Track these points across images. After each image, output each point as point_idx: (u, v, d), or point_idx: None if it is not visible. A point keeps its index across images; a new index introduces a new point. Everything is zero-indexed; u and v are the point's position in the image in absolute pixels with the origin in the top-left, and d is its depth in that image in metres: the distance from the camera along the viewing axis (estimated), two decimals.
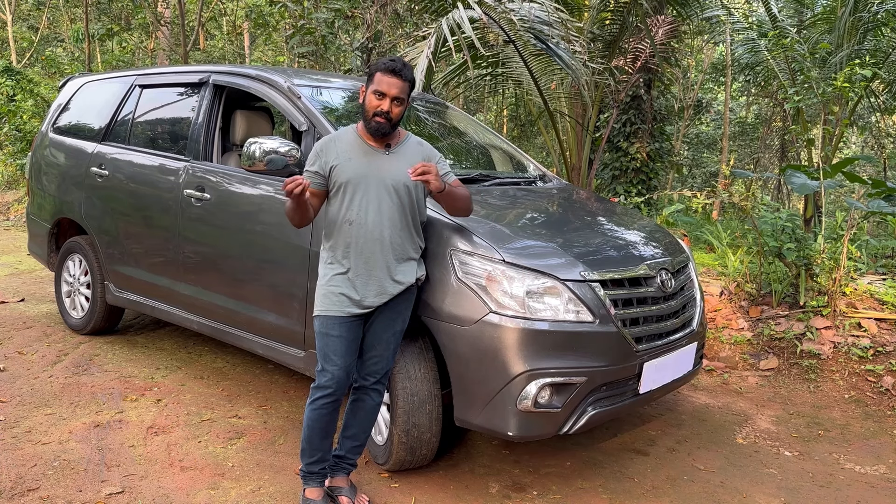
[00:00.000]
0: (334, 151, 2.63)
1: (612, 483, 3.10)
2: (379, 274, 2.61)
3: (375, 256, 2.60)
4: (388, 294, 2.63)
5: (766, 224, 4.99)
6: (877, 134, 14.95)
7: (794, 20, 10.36)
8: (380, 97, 2.57)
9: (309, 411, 2.64)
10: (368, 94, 2.61)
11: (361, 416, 2.76)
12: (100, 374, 4.08)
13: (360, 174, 2.60)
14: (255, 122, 4.18)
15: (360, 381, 2.72)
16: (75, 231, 4.90)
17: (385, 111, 2.57)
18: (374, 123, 2.60)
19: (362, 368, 2.71)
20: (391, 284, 2.63)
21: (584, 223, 3.44)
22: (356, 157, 2.63)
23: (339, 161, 2.61)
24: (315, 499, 2.69)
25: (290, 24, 8.24)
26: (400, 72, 2.58)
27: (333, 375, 2.59)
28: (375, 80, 2.59)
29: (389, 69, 2.57)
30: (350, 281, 2.60)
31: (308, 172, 2.64)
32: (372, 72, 2.62)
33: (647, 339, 2.95)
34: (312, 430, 2.65)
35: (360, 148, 2.65)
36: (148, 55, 15.49)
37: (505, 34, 5.33)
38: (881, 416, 3.98)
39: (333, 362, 2.60)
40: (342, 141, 2.67)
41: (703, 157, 18.21)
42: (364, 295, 2.60)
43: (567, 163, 7.27)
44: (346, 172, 2.60)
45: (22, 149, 11.96)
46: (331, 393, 2.60)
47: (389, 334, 2.69)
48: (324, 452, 2.70)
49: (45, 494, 2.76)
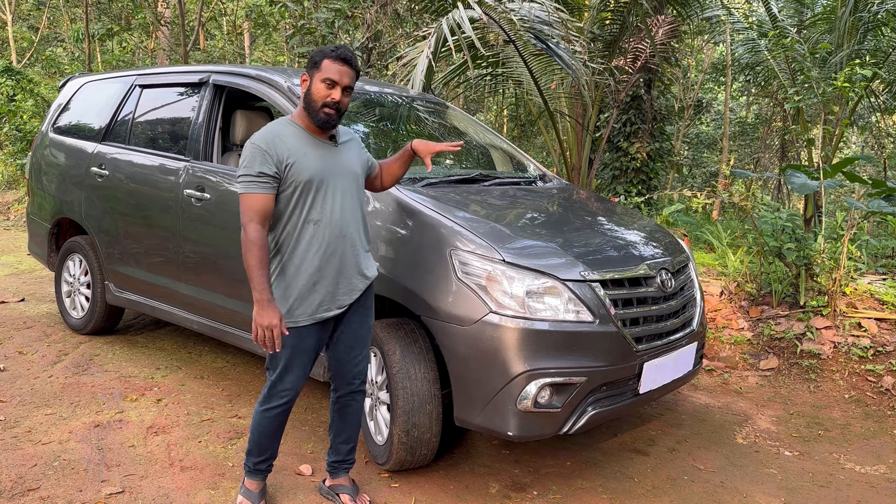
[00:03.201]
0: (284, 147, 2.40)
1: (612, 483, 3.10)
2: (349, 272, 2.54)
3: (346, 254, 2.51)
4: (358, 290, 2.57)
5: (766, 224, 4.99)
6: (877, 134, 14.95)
7: (794, 20, 10.36)
8: (330, 86, 2.40)
9: (261, 417, 2.57)
10: (316, 82, 2.41)
11: (351, 420, 2.74)
12: (100, 374, 4.08)
13: (320, 170, 2.44)
14: (255, 122, 4.17)
15: (346, 387, 2.68)
16: (75, 231, 4.91)
17: (336, 101, 2.41)
18: (324, 115, 2.42)
19: (346, 372, 2.66)
20: (360, 280, 2.58)
21: (585, 223, 3.44)
22: (311, 152, 2.45)
23: (295, 158, 2.40)
24: (255, 490, 2.69)
25: (290, 24, 8.24)
26: (350, 59, 2.42)
27: (293, 387, 2.55)
28: (324, 68, 2.40)
29: (340, 56, 2.41)
30: (320, 284, 2.48)
31: (263, 176, 2.36)
32: (317, 59, 2.42)
33: (647, 339, 2.95)
34: (263, 435, 2.61)
35: (310, 142, 2.47)
36: (148, 55, 15.49)
37: (505, 34, 5.33)
38: (881, 416, 3.98)
39: (295, 373, 2.53)
40: (286, 135, 2.44)
41: (703, 157, 18.22)
42: (337, 296, 2.52)
43: (567, 163, 7.27)
44: (306, 170, 2.41)
45: (22, 149, 11.97)
46: (288, 401, 2.57)
47: (365, 330, 2.67)
48: (271, 452, 2.68)
49: (46, 494, 2.76)
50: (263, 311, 2.33)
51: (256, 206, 2.36)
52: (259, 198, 2.37)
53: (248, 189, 2.37)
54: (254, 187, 2.37)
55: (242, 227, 2.37)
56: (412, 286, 2.87)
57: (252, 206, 2.36)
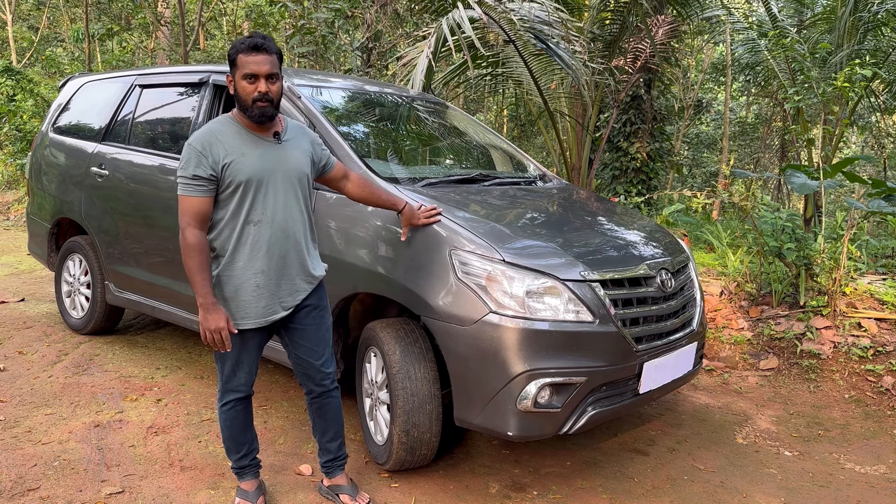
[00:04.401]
0: (221, 147, 2.34)
1: (612, 483, 3.10)
2: (292, 272, 2.49)
3: (288, 255, 2.47)
4: (303, 291, 2.54)
5: (766, 224, 4.99)
6: (877, 134, 14.95)
7: (794, 20, 10.36)
8: (252, 80, 2.32)
9: (224, 413, 2.59)
10: (238, 81, 2.35)
11: (332, 417, 2.74)
12: (100, 374, 4.08)
13: (259, 169, 2.37)
14: None
15: (318, 388, 2.67)
16: (75, 231, 4.90)
17: (264, 93, 2.32)
18: (258, 110, 2.34)
19: (315, 375, 2.64)
20: (304, 280, 2.54)
21: (584, 223, 3.44)
22: (249, 150, 2.38)
23: (232, 157, 2.34)
24: (250, 490, 2.70)
25: (290, 24, 8.24)
26: (263, 46, 2.33)
27: (246, 381, 2.56)
28: (240, 64, 2.33)
29: (251, 46, 2.32)
30: (264, 285, 2.44)
31: (197, 179, 2.31)
32: (232, 57, 2.36)
33: (647, 338, 2.95)
34: (232, 429, 2.62)
35: (249, 140, 2.40)
36: (148, 55, 15.48)
37: (505, 34, 5.33)
38: (881, 416, 3.98)
39: (244, 370, 2.54)
40: (225, 135, 2.37)
41: (703, 157, 18.22)
42: (280, 297, 2.48)
43: (567, 163, 7.27)
44: (244, 170, 2.35)
45: (22, 149, 11.96)
46: (243, 396, 2.59)
47: (324, 331, 2.64)
48: (249, 444, 2.68)
49: (45, 494, 2.76)
50: (209, 315, 2.34)
51: (193, 210, 2.33)
52: (195, 201, 2.33)
53: (184, 192, 2.34)
54: (190, 190, 2.33)
55: (180, 230, 2.35)
56: (412, 286, 2.87)
57: (188, 209, 2.33)
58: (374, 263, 3.00)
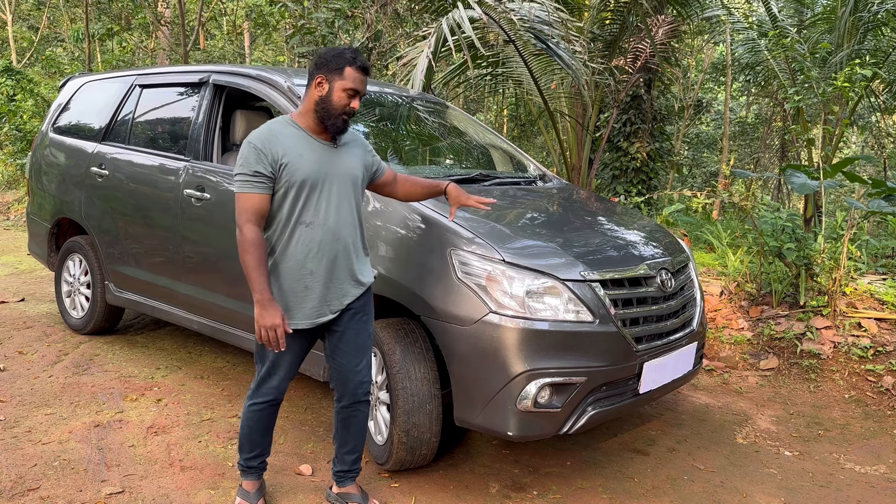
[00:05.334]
0: (280, 147, 2.37)
1: (612, 483, 3.10)
2: (341, 276, 2.49)
3: (338, 258, 2.47)
4: (350, 296, 2.52)
5: (766, 224, 4.99)
6: (877, 134, 14.95)
7: (794, 20, 10.36)
8: (352, 96, 2.39)
9: (250, 412, 2.59)
10: (337, 90, 2.38)
11: (356, 430, 2.69)
12: (100, 374, 4.08)
13: (315, 172, 2.40)
14: (255, 122, 4.17)
15: (350, 398, 2.62)
16: (75, 231, 4.90)
17: (354, 111, 2.42)
18: (341, 122, 2.41)
19: (350, 382, 2.60)
20: (352, 285, 2.53)
21: (584, 223, 3.44)
22: (307, 153, 2.41)
23: (290, 158, 2.37)
24: (251, 491, 2.69)
25: (290, 24, 8.24)
26: (368, 69, 2.43)
27: (278, 386, 2.55)
28: (347, 76, 2.38)
29: (362, 66, 2.40)
30: (312, 287, 2.44)
31: (257, 175, 2.35)
32: (339, 66, 2.38)
33: (647, 338, 2.95)
34: (253, 430, 2.61)
35: (307, 143, 2.43)
36: (148, 55, 15.48)
37: (505, 34, 5.33)
38: (881, 416, 3.98)
39: (281, 374, 2.53)
40: (284, 135, 2.41)
41: (703, 157, 18.21)
42: (328, 300, 2.48)
43: (567, 163, 7.27)
44: (300, 171, 2.38)
45: (22, 149, 11.97)
46: (274, 400, 2.58)
47: (365, 337, 2.61)
48: (263, 447, 2.68)
49: (45, 494, 2.76)
50: (265, 312, 2.32)
51: (252, 206, 2.35)
52: (254, 197, 2.35)
53: (243, 189, 2.36)
54: (249, 187, 2.35)
55: (238, 227, 2.36)
56: (412, 286, 2.87)
57: (247, 206, 2.35)
58: (373, 263, 3.00)
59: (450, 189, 2.75)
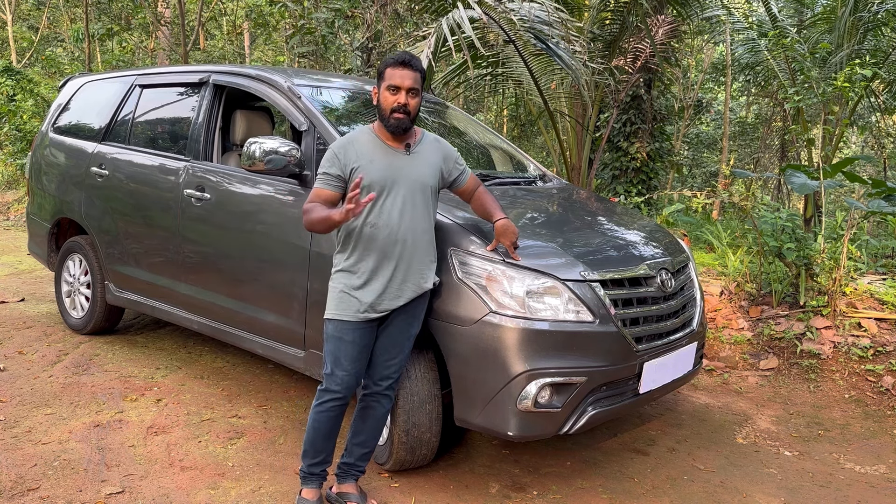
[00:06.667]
0: (353, 153, 2.56)
1: (612, 483, 3.10)
2: (400, 277, 2.58)
3: (400, 260, 2.57)
4: (405, 298, 2.60)
5: (766, 224, 4.99)
6: (877, 134, 14.94)
7: (794, 20, 10.36)
8: (394, 91, 2.53)
9: (315, 413, 2.62)
10: (382, 92, 2.56)
11: (371, 423, 2.72)
12: (100, 374, 4.08)
13: (384, 177, 2.55)
14: (256, 122, 4.18)
15: (373, 386, 2.68)
16: (75, 231, 4.90)
17: (403, 104, 2.52)
18: (394, 120, 2.55)
19: (375, 373, 2.66)
20: (410, 288, 2.60)
21: (585, 223, 3.44)
22: (378, 158, 2.57)
23: (361, 163, 2.54)
24: (311, 499, 2.68)
25: (290, 24, 8.24)
26: (410, 62, 2.54)
27: (343, 380, 2.58)
28: (387, 76, 2.54)
29: (399, 61, 2.54)
30: (369, 285, 2.56)
31: (326, 175, 2.56)
32: (381, 70, 2.58)
33: (647, 338, 2.95)
34: (317, 433, 2.64)
35: (380, 149, 2.60)
36: (148, 55, 15.47)
37: (505, 34, 5.32)
38: (881, 416, 3.98)
39: (344, 367, 2.58)
40: (360, 142, 2.60)
41: (703, 157, 18.21)
42: (383, 299, 2.57)
43: (567, 163, 7.27)
44: (369, 175, 2.53)
45: (22, 149, 11.96)
46: (340, 397, 2.60)
47: (405, 337, 2.67)
48: (326, 454, 2.69)
49: (45, 494, 2.76)
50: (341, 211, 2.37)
51: (318, 196, 2.56)
52: (322, 191, 2.57)
53: (317, 184, 2.59)
54: (320, 182, 2.58)
55: (303, 212, 2.55)
56: None
57: (314, 195, 2.57)
58: None
59: (498, 224, 2.76)
